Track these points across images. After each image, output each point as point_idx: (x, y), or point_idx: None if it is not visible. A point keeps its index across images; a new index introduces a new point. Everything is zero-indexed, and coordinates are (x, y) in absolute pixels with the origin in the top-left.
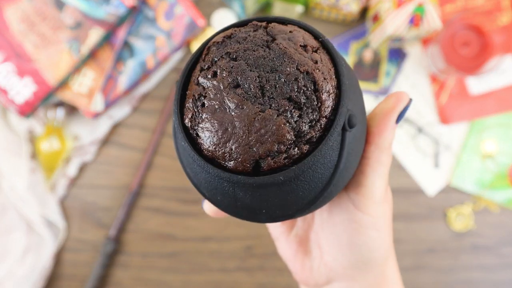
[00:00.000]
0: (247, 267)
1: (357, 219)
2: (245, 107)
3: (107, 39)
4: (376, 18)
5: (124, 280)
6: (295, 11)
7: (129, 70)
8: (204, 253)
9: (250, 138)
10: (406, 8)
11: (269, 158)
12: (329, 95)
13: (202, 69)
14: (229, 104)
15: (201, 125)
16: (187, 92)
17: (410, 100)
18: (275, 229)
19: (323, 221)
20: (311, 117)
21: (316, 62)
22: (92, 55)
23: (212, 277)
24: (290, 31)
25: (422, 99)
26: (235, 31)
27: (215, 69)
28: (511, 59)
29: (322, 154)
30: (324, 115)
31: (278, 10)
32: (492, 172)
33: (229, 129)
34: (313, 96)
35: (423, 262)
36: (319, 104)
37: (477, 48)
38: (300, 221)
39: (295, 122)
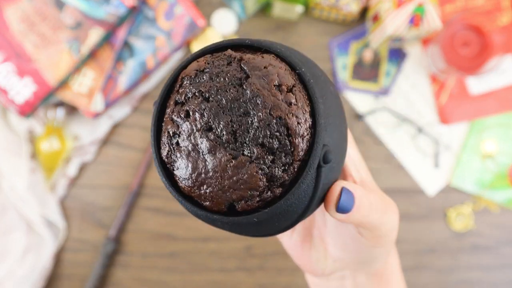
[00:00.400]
0: (247, 267)
1: (363, 241)
2: (217, 153)
3: (107, 39)
4: (376, 18)
5: (124, 280)
6: (295, 11)
7: (129, 70)
8: (204, 253)
9: (223, 184)
10: (406, 8)
11: (243, 202)
12: (302, 139)
13: (176, 103)
14: (202, 148)
15: (176, 164)
16: (162, 124)
17: (342, 188)
18: None
19: (328, 223)
20: (284, 161)
21: (290, 105)
22: (92, 55)
23: (212, 277)
24: (265, 67)
25: (422, 99)
26: (208, 64)
27: (188, 109)
28: (511, 59)
29: (295, 196)
30: (297, 159)
31: (278, 10)
32: (492, 172)
33: (202, 174)
34: (286, 141)
35: (423, 262)
36: (292, 148)
37: (477, 48)
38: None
39: (268, 168)
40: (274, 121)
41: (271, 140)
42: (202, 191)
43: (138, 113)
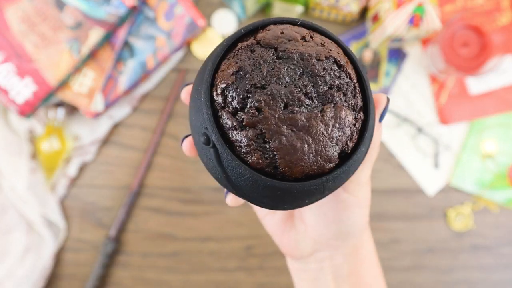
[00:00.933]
0: (247, 267)
1: (344, 199)
2: (310, 119)
3: (107, 39)
4: (376, 18)
5: (124, 280)
6: (295, 11)
7: (129, 70)
8: (204, 253)
9: (329, 137)
10: (406, 8)
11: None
12: (349, 67)
13: (236, 110)
14: (291, 128)
15: (276, 157)
16: (242, 124)
17: (388, 100)
18: (261, 208)
19: None
20: (352, 92)
21: (323, 45)
22: (92, 55)
23: (212, 277)
24: (282, 32)
25: (422, 99)
26: (240, 65)
27: (256, 105)
28: (511, 59)
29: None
30: (356, 87)
31: (278, 10)
32: (492, 172)
33: (304, 147)
34: (342, 73)
35: (423, 262)
36: (349, 76)
37: (477, 48)
38: None
39: (346, 101)
40: (322, 63)
41: (333, 79)
42: (306, 157)
43: (138, 113)
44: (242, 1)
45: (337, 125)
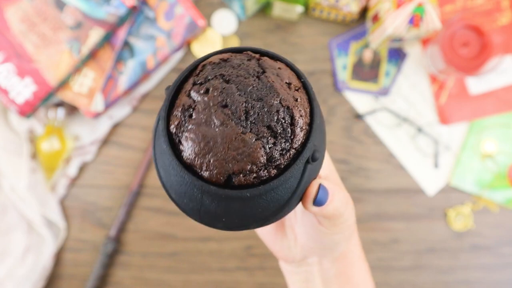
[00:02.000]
0: (247, 267)
1: (323, 229)
2: (228, 126)
3: (107, 39)
4: (376, 19)
5: (125, 280)
6: (295, 11)
7: (129, 70)
8: (204, 253)
9: (228, 155)
10: (406, 8)
11: (241, 175)
12: (301, 130)
13: (194, 84)
14: (215, 121)
15: (185, 134)
16: (176, 101)
17: (319, 186)
18: None
19: (295, 214)
20: (283, 146)
21: (296, 100)
22: (92, 55)
23: (212, 277)
24: (279, 68)
25: (422, 99)
26: (231, 56)
27: (208, 87)
28: (511, 59)
29: (286, 179)
30: (294, 147)
31: (278, 10)
32: (492, 172)
33: (210, 143)
34: (289, 129)
35: (423, 261)
36: (292, 136)
37: (477, 48)
38: None
39: (269, 148)
40: (282, 109)
41: (276, 125)
42: (206, 160)
43: (138, 113)
44: (242, 1)
45: (238, 151)
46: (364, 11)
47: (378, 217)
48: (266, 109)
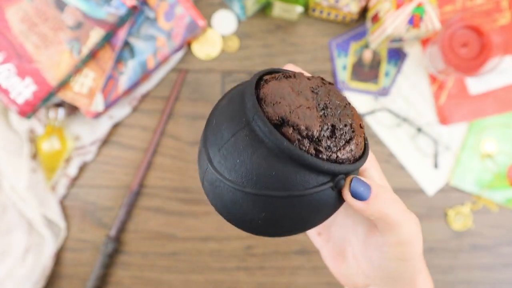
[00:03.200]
0: (247, 267)
1: (388, 251)
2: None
3: (107, 39)
4: (375, 19)
5: (125, 280)
6: (295, 11)
7: (129, 70)
8: (204, 253)
9: (313, 113)
10: (405, 8)
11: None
12: (356, 146)
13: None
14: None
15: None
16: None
17: (352, 178)
18: (316, 240)
19: (358, 240)
20: (339, 143)
21: (360, 127)
22: (92, 56)
23: (212, 277)
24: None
25: (422, 100)
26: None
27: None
28: (510, 59)
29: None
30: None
31: (278, 10)
32: (492, 172)
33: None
34: (349, 133)
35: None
36: (344, 146)
37: (476, 49)
38: (335, 236)
39: (328, 142)
40: (350, 120)
41: (341, 127)
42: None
43: (138, 113)
44: (242, 2)
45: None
46: (364, 11)
47: None
48: (339, 113)
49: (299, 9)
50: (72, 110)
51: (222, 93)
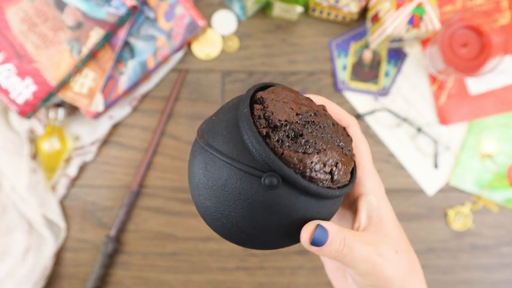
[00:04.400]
0: (247, 267)
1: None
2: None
3: (107, 39)
4: (375, 19)
5: (125, 280)
6: (295, 11)
7: (129, 70)
8: (204, 253)
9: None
10: (405, 8)
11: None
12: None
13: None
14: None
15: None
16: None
17: (317, 225)
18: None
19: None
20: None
21: (345, 155)
22: (92, 56)
23: (212, 277)
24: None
25: (422, 100)
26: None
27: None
28: (510, 59)
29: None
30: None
31: (278, 10)
32: (491, 172)
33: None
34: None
35: (423, 261)
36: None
37: (476, 49)
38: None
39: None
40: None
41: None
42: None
43: (138, 113)
44: (242, 2)
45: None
46: (364, 12)
47: None
48: (325, 136)
49: (299, 9)
50: (72, 110)
51: (222, 93)
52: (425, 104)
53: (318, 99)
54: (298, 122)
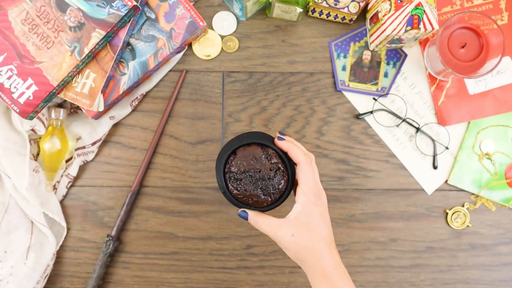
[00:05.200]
0: (247, 266)
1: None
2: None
3: (108, 40)
4: (375, 20)
5: (125, 279)
6: (295, 12)
7: (130, 71)
8: (204, 252)
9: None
10: (404, 9)
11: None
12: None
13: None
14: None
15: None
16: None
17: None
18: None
19: None
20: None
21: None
22: (94, 56)
23: (212, 276)
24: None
25: (421, 100)
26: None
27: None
28: (509, 60)
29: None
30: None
31: (278, 11)
32: (490, 171)
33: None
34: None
35: (422, 260)
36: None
37: (475, 50)
38: None
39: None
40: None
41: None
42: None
43: (139, 113)
44: (242, 2)
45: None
46: (363, 12)
47: (377, 217)
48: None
49: (299, 10)
50: (73, 110)
51: (222, 93)
52: (424, 104)
53: (285, 145)
54: (242, 172)
